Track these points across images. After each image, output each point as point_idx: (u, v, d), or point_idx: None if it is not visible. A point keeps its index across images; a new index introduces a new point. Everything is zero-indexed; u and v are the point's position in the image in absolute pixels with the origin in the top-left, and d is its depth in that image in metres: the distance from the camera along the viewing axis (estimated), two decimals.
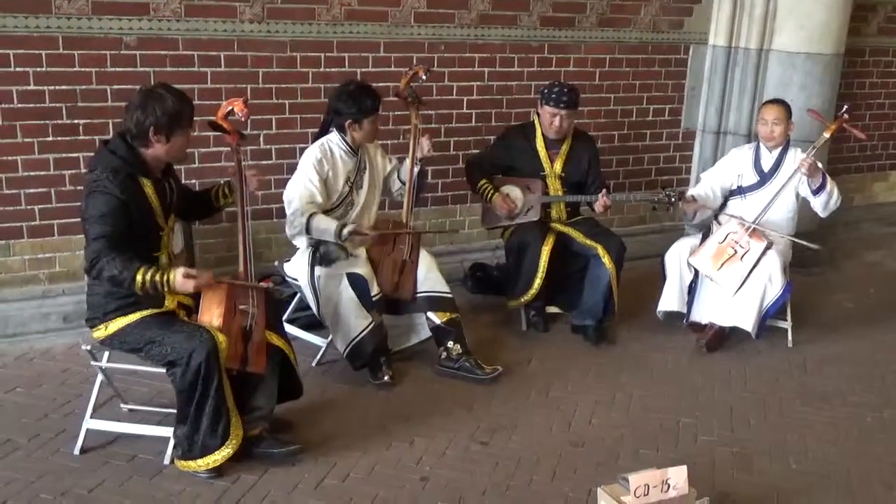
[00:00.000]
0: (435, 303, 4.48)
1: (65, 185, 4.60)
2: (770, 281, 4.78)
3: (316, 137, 4.48)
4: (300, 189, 4.25)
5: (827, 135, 4.93)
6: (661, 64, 6.26)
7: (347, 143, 4.38)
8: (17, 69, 4.38)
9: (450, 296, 4.52)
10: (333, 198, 4.37)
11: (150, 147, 3.39)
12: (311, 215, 4.18)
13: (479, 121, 5.67)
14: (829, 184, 4.89)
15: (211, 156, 4.85)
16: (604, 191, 4.83)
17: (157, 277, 3.23)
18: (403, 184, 4.62)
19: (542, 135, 5.00)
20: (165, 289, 3.25)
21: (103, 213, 3.25)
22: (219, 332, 3.39)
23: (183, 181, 4.01)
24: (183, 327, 3.42)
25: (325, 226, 4.18)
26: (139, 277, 3.21)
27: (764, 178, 5.00)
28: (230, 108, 3.64)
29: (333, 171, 4.35)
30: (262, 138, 5.03)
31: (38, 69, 4.43)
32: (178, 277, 3.26)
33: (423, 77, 4.65)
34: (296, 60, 5.02)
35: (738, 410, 4.31)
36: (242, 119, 3.67)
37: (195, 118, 3.56)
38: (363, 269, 4.32)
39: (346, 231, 4.17)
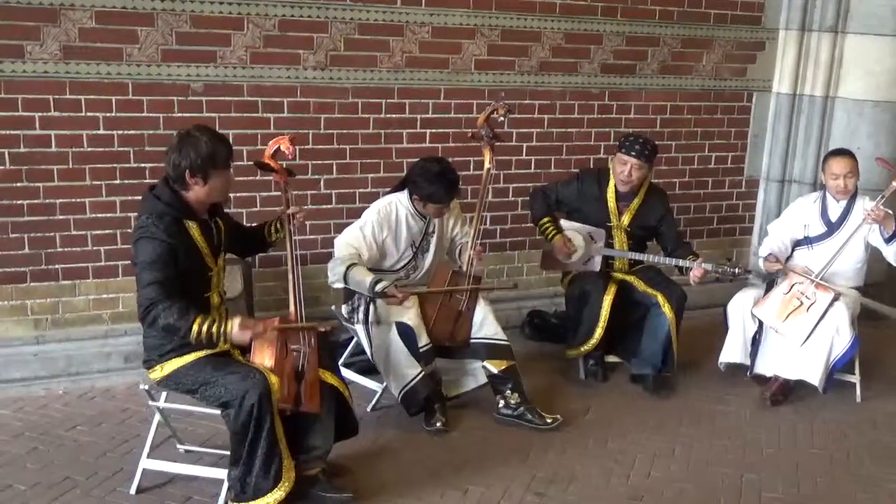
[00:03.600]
0: (491, 350, 4.43)
1: (130, 227, 4.65)
2: (837, 333, 4.64)
3: (395, 188, 4.47)
4: (350, 239, 4.26)
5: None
6: (724, 111, 6.20)
7: (416, 208, 4.38)
8: (88, 114, 4.53)
9: (506, 343, 4.46)
10: (389, 262, 4.37)
11: (189, 189, 3.43)
12: (350, 265, 4.15)
13: (538, 167, 5.66)
14: None
15: (271, 200, 4.90)
16: (700, 260, 4.73)
17: (214, 329, 3.25)
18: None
19: (615, 185, 4.92)
20: (222, 340, 3.28)
21: (152, 259, 3.29)
22: (271, 373, 3.39)
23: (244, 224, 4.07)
24: (236, 368, 3.43)
25: (361, 278, 4.12)
26: (195, 328, 3.24)
27: (831, 228, 4.88)
28: (277, 146, 3.67)
29: (394, 237, 4.34)
30: (322, 183, 5.09)
31: (108, 114, 4.56)
32: (235, 329, 3.28)
33: (502, 117, 4.61)
34: (357, 106, 5.09)
35: (805, 467, 4.16)
36: (290, 157, 3.70)
37: (247, 162, 3.60)
38: (412, 319, 4.26)
39: (379, 286, 4.07)
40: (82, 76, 4.46)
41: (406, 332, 4.23)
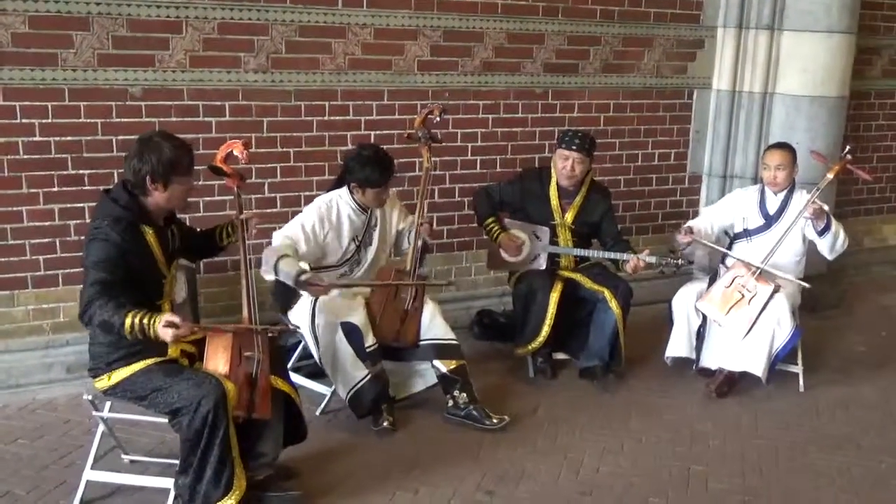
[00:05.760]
0: (441, 350, 4.43)
1: (70, 235, 4.61)
2: (779, 324, 4.73)
3: (332, 186, 4.45)
4: (287, 231, 4.19)
5: (830, 176, 4.90)
6: (666, 109, 6.28)
7: (356, 202, 4.36)
8: (24, 121, 4.42)
9: (455, 343, 4.47)
10: (333, 258, 4.34)
11: (149, 195, 3.39)
12: (281, 256, 4.01)
13: (483, 167, 5.67)
14: (835, 225, 4.86)
15: (214, 204, 4.86)
16: (642, 253, 4.78)
17: (145, 320, 3.14)
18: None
19: (557, 183, 4.96)
20: (150, 332, 3.15)
21: (101, 259, 3.24)
22: (227, 380, 3.36)
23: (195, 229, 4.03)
24: (190, 375, 3.39)
25: (288, 269, 3.98)
26: (128, 321, 3.14)
27: (769, 220, 4.97)
28: (230, 150, 3.63)
29: (335, 232, 4.31)
30: (266, 186, 5.05)
31: (44, 120, 4.47)
32: (159, 325, 3.14)
33: (438, 118, 4.66)
34: (300, 109, 5.05)
35: (750, 457, 4.23)
36: (243, 161, 3.67)
37: (199, 167, 3.56)
38: (358, 318, 4.25)
39: (302, 278, 3.96)
40: (16, 82, 4.36)
41: (352, 332, 4.22)
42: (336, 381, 4.28)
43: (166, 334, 3.17)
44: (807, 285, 4.85)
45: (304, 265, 4.06)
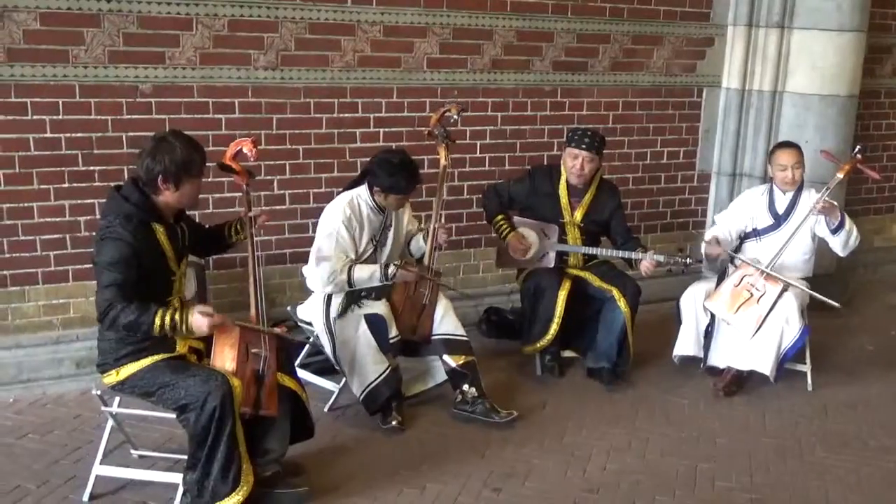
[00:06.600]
0: (451, 346, 4.45)
1: (80, 231, 4.63)
2: (787, 323, 4.72)
3: (351, 185, 4.45)
4: (333, 247, 4.20)
5: (840, 175, 4.89)
6: (675, 107, 6.26)
7: (375, 202, 4.37)
8: (34, 117, 4.45)
9: (466, 339, 4.49)
10: (357, 255, 4.37)
11: (160, 194, 3.41)
12: (349, 270, 4.16)
13: (492, 164, 5.67)
14: (848, 222, 4.85)
15: (224, 201, 4.88)
16: (651, 252, 4.78)
17: (177, 317, 3.24)
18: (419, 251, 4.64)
19: (567, 181, 4.95)
20: (184, 328, 3.25)
21: (115, 259, 3.26)
22: (233, 377, 3.38)
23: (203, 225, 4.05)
24: (197, 371, 3.41)
25: (368, 273, 4.19)
26: (158, 321, 3.22)
27: (779, 220, 4.96)
28: (239, 148, 3.66)
29: (360, 229, 4.33)
30: (275, 184, 5.06)
31: (55, 117, 4.49)
32: (196, 316, 3.27)
33: (456, 117, 4.66)
34: (309, 106, 5.06)
35: (757, 456, 4.23)
36: (252, 159, 3.69)
37: (208, 164, 3.58)
38: (383, 309, 4.29)
39: (391, 270, 4.19)
40: (27, 79, 4.38)
41: (377, 323, 4.24)
42: (352, 376, 4.28)
43: (202, 324, 3.26)
44: (810, 291, 4.82)
45: None
